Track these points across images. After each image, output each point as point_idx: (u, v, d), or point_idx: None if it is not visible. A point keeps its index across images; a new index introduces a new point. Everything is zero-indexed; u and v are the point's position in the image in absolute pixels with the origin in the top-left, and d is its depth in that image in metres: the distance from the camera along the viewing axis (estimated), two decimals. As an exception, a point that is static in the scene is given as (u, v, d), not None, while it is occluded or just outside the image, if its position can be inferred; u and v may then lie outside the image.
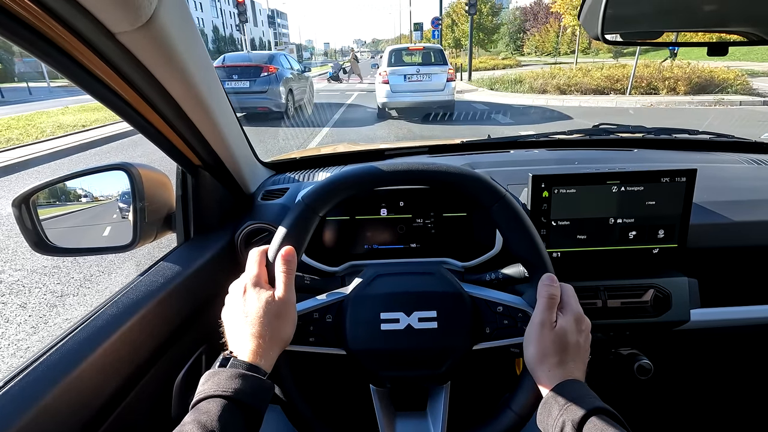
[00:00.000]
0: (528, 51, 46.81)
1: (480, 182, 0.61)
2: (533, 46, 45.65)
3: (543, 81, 12.60)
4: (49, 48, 0.43)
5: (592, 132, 1.27)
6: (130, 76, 0.51)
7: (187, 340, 0.76)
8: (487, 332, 0.62)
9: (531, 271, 0.61)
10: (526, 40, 47.81)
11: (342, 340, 0.62)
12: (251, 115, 8.66)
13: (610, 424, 0.45)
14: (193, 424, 0.43)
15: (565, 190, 0.80)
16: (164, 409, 0.70)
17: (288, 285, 0.55)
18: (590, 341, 0.58)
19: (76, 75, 0.48)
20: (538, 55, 43.86)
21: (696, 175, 0.79)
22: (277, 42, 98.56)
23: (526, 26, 48.67)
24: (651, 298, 0.83)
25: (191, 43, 0.56)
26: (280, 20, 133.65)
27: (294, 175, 1.07)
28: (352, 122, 8.79)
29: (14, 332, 2.28)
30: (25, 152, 6.32)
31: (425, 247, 0.85)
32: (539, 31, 44.95)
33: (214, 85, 0.69)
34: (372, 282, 0.65)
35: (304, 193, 0.61)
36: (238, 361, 0.49)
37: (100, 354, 0.54)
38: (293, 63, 10.16)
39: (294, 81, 9.53)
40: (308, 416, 0.60)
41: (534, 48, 45.35)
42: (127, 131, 7.83)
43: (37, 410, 0.45)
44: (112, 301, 0.62)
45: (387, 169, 0.62)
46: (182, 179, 0.81)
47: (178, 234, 0.84)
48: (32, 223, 0.75)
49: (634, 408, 1.16)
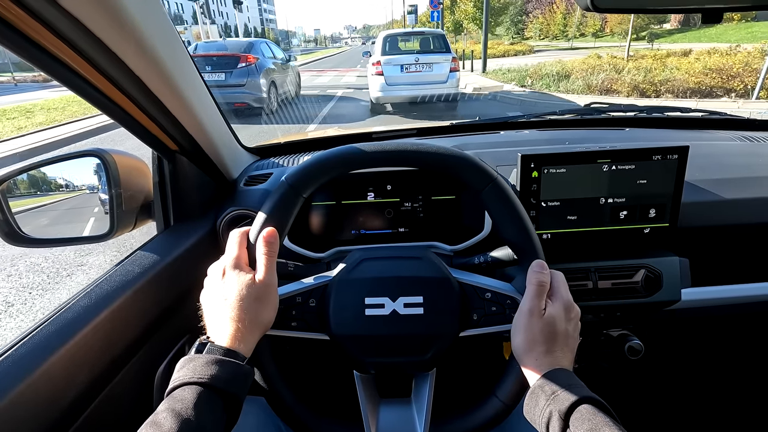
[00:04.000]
0: (530, 35, 42.79)
1: (471, 164, 0.59)
2: (537, 29, 41.74)
3: (606, 76, 8.97)
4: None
5: (583, 111, 1.25)
6: (87, 51, 0.47)
7: (168, 330, 0.74)
8: (475, 319, 0.60)
9: (521, 256, 0.60)
10: (528, 23, 43.51)
11: (325, 325, 0.61)
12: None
13: (597, 413, 0.44)
14: (167, 413, 0.41)
15: (555, 170, 0.78)
16: (146, 401, 0.68)
17: (269, 267, 0.53)
18: (579, 330, 0.57)
19: (34, 55, 0.45)
20: (549, 39, 39.94)
21: (688, 153, 0.77)
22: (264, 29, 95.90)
23: (528, 8, 44.33)
24: (642, 278, 0.82)
25: (151, 15, 0.52)
26: (266, 6, 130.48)
27: (278, 160, 1.04)
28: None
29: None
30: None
31: (414, 231, 0.83)
32: (543, 13, 41.43)
33: (185, 64, 0.65)
34: (357, 266, 0.63)
35: (288, 174, 0.59)
36: (215, 347, 0.48)
37: (71, 347, 0.52)
38: (276, 51, 9.16)
39: (277, 72, 8.58)
40: (290, 402, 0.59)
41: (538, 31, 41.58)
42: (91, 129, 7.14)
43: (4, 404, 0.43)
44: (84, 293, 0.59)
45: (374, 149, 0.59)
46: (159, 165, 0.78)
47: (158, 222, 0.82)
48: (2, 214, 0.72)
49: (625, 388, 1.16)
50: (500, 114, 8.25)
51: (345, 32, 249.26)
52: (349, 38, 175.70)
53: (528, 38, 41.99)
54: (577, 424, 0.44)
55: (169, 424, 0.40)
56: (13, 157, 5.67)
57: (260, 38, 10.21)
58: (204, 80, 0.74)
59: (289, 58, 10.30)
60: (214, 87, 7.75)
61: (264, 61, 8.05)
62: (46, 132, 7.13)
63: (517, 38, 40.91)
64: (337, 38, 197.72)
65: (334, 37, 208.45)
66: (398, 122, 7.46)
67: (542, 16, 41.49)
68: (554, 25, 39.71)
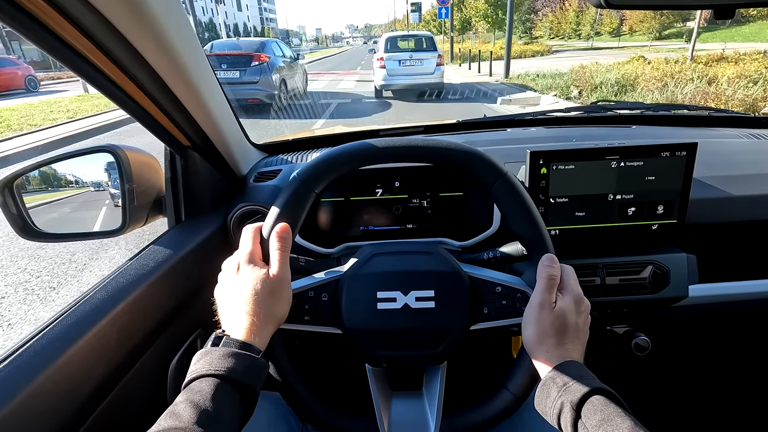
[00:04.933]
0: (539, 34, 40.12)
1: (481, 159, 0.60)
2: (547, 28, 39.18)
3: (696, 88, 6.54)
4: (21, 15, 0.40)
5: (590, 109, 1.25)
6: (111, 49, 0.48)
7: (181, 324, 0.75)
8: (485, 312, 0.61)
9: (531, 250, 0.60)
10: (537, 21, 40.74)
11: (338, 319, 0.61)
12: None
13: (609, 404, 0.45)
14: (186, 404, 0.42)
15: (563, 167, 0.78)
16: (160, 393, 0.69)
17: (283, 262, 0.54)
18: (589, 323, 0.57)
19: (55, 48, 0.46)
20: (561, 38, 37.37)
21: (696, 150, 0.77)
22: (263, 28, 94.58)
23: (536, 5, 41.47)
24: (649, 274, 0.82)
25: (172, 13, 0.53)
26: (266, 4, 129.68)
27: (287, 157, 1.04)
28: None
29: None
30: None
31: (422, 228, 0.84)
32: (553, 11, 39.28)
33: (201, 62, 0.66)
34: (369, 261, 0.64)
35: (300, 170, 0.59)
36: (231, 340, 0.48)
37: (89, 339, 0.53)
38: (285, 50, 9.86)
39: (286, 69, 9.24)
40: (303, 395, 0.60)
41: (548, 30, 38.97)
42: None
43: (24, 396, 0.44)
44: (101, 286, 0.60)
45: (385, 145, 0.60)
46: (171, 160, 0.79)
47: (169, 217, 0.83)
48: (17, 208, 0.73)
49: (631, 384, 1.17)
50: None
51: (347, 32, 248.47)
52: (351, 38, 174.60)
53: (537, 37, 39.73)
54: (589, 414, 0.45)
55: (188, 415, 0.41)
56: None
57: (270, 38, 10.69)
58: (217, 78, 0.75)
59: (297, 56, 10.83)
60: (229, 84, 7.54)
61: (275, 59, 8.65)
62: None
63: (525, 37, 38.28)
64: (338, 38, 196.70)
65: (336, 36, 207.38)
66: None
67: (552, 14, 39.50)
68: (566, 23, 37.67)
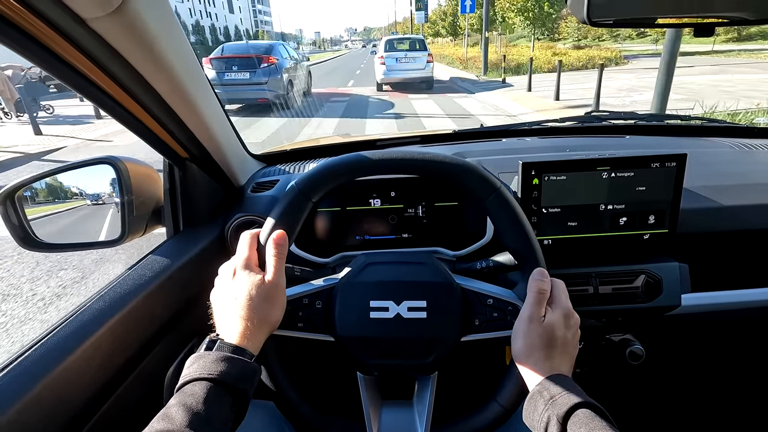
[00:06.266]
0: (564, 35, 34.42)
1: (475, 173, 0.61)
2: (574, 29, 32.25)
3: None
4: (21, 38, 0.42)
5: (584, 119, 1.27)
6: (109, 66, 0.50)
7: (178, 333, 0.75)
8: (477, 324, 0.62)
9: (522, 264, 0.61)
10: (561, 21, 33.90)
11: (331, 327, 0.62)
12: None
13: (595, 418, 0.45)
14: (178, 407, 0.42)
15: (555, 177, 0.79)
16: (156, 402, 0.70)
17: (278, 269, 0.55)
18: (578, 337, 0.58)
19: (54, 66, 0.47)
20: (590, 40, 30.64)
21: (686, 160, 0.79)
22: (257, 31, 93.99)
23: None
24: (642, 283, 0.83)
25: (168, 30, 0.55)
26: (261, 6, 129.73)
27: (285, 167, 1.06)
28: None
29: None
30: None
31: (417, 237, 0.85)
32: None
33: (197, 75, 0.67)
34: (363, 270, 0.65)
35: (297, 179, 0.61)
36: (224, 344, 0.49)
37: (86, 348, 0.53)
38: (291, 52, 10.59)
39: (293, 71, 9.88)
40: (295, 401, 0.60)
41: (576, 32, 32.54)
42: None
43: (22, 405, 0.45)
44: (98, 296, 0.61)
45: (381, 157, 0.61)
46: (169, 172, 0.80)
47: (167, 227, 0.84)
48: (18, 219, 0.74)
49: (626, 393, 1.17)
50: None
51: (345, 35, 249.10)
52: (350, 41, 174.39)
53: (559, 40, 35.06)
54: (574, 428, 0.45)
55: (180, 418, 0.41)
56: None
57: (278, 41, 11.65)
58: (214, 90, 0.77)
59: (302, 58, 11.91)
60: (240, 84, 8.01)
61: (282, 61, 9.22)
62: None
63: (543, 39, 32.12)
64: (337, 41, 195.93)
65: (334, 39, 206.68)
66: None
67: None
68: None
